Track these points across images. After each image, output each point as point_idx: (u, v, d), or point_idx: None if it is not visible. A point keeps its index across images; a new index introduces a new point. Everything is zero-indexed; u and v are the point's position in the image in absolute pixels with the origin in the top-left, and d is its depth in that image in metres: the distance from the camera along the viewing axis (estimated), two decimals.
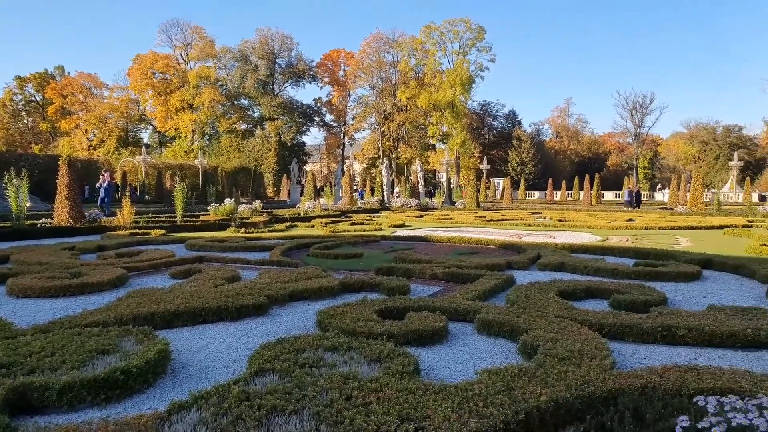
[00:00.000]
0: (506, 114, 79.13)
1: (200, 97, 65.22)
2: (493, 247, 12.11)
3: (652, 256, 9.92)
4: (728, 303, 6.07)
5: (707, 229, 17.66)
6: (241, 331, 5.25)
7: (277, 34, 70.65)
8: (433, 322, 4.90)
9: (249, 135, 68.56)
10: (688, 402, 2.88)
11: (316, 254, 10.63)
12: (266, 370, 3.61)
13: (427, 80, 65.18)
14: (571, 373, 3.49)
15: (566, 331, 4.57)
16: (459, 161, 60.91)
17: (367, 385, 3.27)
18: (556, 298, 5.90)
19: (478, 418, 2.84)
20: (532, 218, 22.90)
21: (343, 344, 4.15)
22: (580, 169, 70.44)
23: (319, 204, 29.18)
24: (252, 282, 7.05)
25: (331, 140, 79.47)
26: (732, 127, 73.93)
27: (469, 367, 4.19)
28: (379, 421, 2.78)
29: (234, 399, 3.06)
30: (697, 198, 29.10)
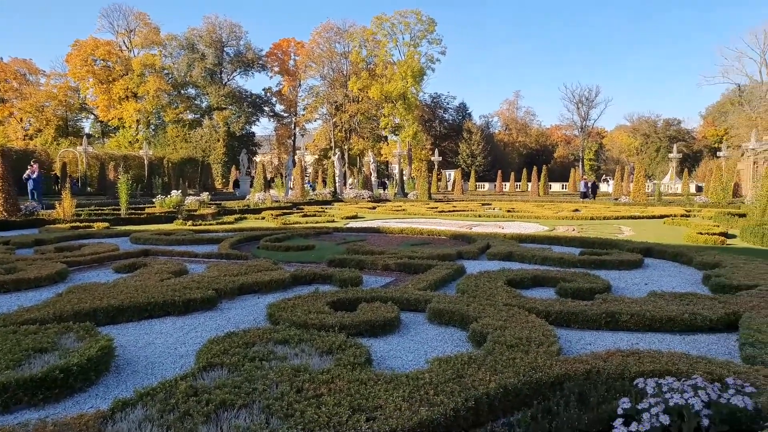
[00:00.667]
0: (457, 106, 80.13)
1: (145, 85, 62.86)
2: (444, 238, 12.24)
3: (596, 245, 10.27)
4: (668, 289, 6.34)
5: (649, 219, 18.43)
6: (188, 325, 5.12)
7: (225, 23, 68.98)
8: (385, 313, 4.91)
9: (196, 125, 66.69)
10: (630, 385, 2.99)
11: (266, 246, 10.47)
12: (215, 364, 3.54)
13: (379, 71, 65.13)
14: (520, 360, 3.56)
15: (514, 318, 4.67)
16: (411, 153, 61.08)
17: (319, 377, 3.25)
18: (504, 287, 6.02)
19: (429, 407, 2.87)
20: (482, 209, 23.31)
21: (294, 337, 4.10)
22: (528, 160, 72.21)
23: (269, 195, 28.73)
24: (200, 275, 6.89)
25: (282, 131, 78.33)
26: (671, 120, 77.29)
27: (420, 357, 4.22)
28: (331, 412, 2.77)
29: (181, 394, 2.98)
30: (640, 189, 30.29)
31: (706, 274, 7.06)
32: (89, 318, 4.84)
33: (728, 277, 6.59)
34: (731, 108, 66.66)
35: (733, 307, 5.11)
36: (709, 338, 4.69)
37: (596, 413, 2.67)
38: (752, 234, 11.60)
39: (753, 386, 2.77)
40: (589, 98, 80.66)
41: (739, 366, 3.48)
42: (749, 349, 3.90)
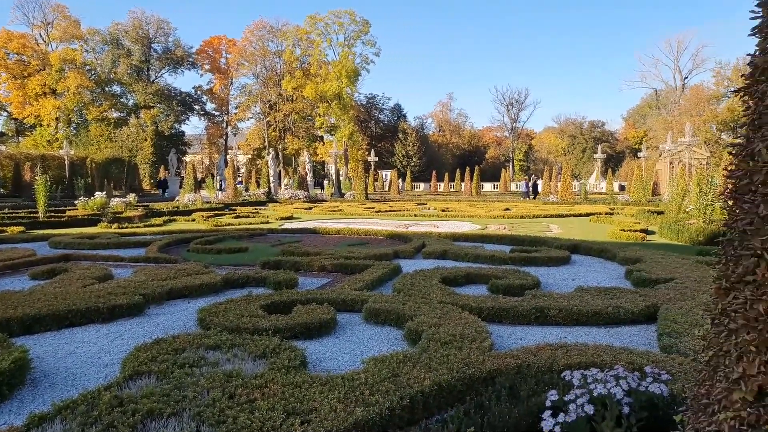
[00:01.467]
0: (392, 107, 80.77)
1: (65, 81, 59.24)
2: (381, 238, 12.30)
3: (526, 242, 10.63)
4: (593, 284, 6.66)
5: (575, 217, 19.29)
6: (114, 333, 4.89)
7: (153, 18, 66.21)
8: (321, 314, 4.87)
9: (122, 124, 63.62)
10: (558, 377, 3.10)
11: (197, 249, 10.15)
12: (142, 372, 3.39)
13: (313, 71, 64.58)
14: (453, 357, 3.62)
15: (448, 316, 4.75)
16: (347, 153, 61.03)
17: (252, 381, 3.17)
18: (439, 285, 6.12)
19: (364, 407, 2.86)
20: (417, 209, 23.61)
21: (226, 342, 3.99)
22: (461, 161, 73.78)
23: (200, 197, 27.87)
24: (126, 280, 6.59)
25: (213, 130, 76.11)
26: (596, 122, 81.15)
27: (356, 357, 4.21)
28: (264, 417, 2.71)
29: (105, 406, 2.84)
30: (567, 188, 31.64)
31: (629, 269, 7.45)
32: (2, 329, 4.52)
33: (648, 271, 6.98)
34: (649, 111, 70.83)
35: (653, 299, 5.42)
36: (632, 330, 4.95)
37: (526, 406, 2.75)
38: (669, 230, 12.39)
39: (669, 374, 2.94)
40: (519, 101, 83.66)
41: (657, 355, 3.69)
42: (666, 339, 4.15)
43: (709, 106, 55.43)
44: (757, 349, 1.54)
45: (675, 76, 66.98)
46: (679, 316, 4.68)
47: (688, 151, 30.32)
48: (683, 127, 33.75)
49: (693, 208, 14.63)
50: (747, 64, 1.70)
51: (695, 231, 11.55)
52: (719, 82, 59.00)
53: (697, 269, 7.06)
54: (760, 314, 1.54)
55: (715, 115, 54.07)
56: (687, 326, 4.35)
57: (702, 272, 6.79)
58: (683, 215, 15.30)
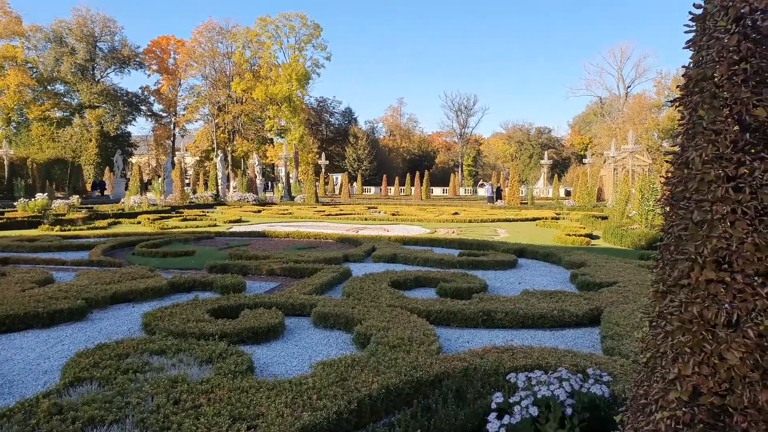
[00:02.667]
0: (343, 111, 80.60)
1: (4, 79, 56.21)
2: (331, 241, 12.26)
3: (474, 246, 10.83)
4: (539, 288, 6.84)
5: (523, 221, 19.73)
6: (54, 338, 4.71)
7: (98, 16, 63.75)
8: (269, 319, 4.82)
9: (66, 124, 60.96)
10: (504, 380, 3.18)
11: (142, 252, 9.85)
12: (83, 378, 3.29)
13: (263, 73, 63.78)
14: (401, 360, 3.66)
15: (397, 319, 4.79)
16: (298, 156, 60.37)
17: (197, 387, 3.12)
18: (389, 288, 6.16)
19: (312, 411, 2.85)
20: (368, 212, 23.66)
21: (171, 347, 3.89)
22: (411, 166, 74.32)
23: (146, 199, 27.01)
24: (68, 284, 6.34)
25: (160, 131, 73.89)
26: (543, 129, 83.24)
27: (304, 361, 4.19)
28: (210, 423, 2.67)
29: (43, 414, 2.74)
30: (514, 193, 32.33)
31: (574, 272, 7.69)
32: None
33: (592, 275, 7.24)
34: (594, 118, 73.33)
35: (596, 303, 5.62)
36: (576, 332, 5.12)
37: (473, 408, 2.81)
38: (613, 235, 12.83)
39: (611, 375, 3.06)
40: (468, 106, 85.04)
41: (600, 357, 3.83)
42: (609, 342, 4.30)
43: (651, 115, 57.86)
44: (691, 351, 1.60)
45: (619, 84, 69.65)
46: (621, 319, 4.86)
47: (631, 157, 31.53)
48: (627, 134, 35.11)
49: (635, 213, 15.20)
50: (682, 76, 1.79)
51: (637, 236, 11.99)
52: (660, 92, 61.67)
53: (638, 273, 7.37)
54: (694, 316, 1.60)
55: (657, 123, 56.46)
56: (628, 329, 4.53)
57: (644, 276, 7.08)
58: (626, 220, 15.85)
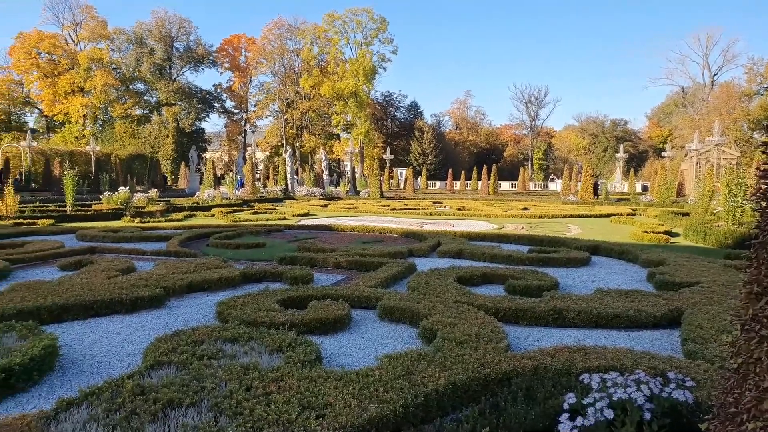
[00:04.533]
0: (408, 105, 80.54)
1: (92, 80, 60.21)
2: (395, 236, 12.30)
3: (545, 243, 10.53)
4: (614, 287, 6.54)
5: (596, 218, 19.02)
6: (136, 324, 4.98)
7: (175, 17, 66.98)
8: (336, 310, 4.88)
9: (145, 121, 64.60)
10: (576, 380, 3.07)
11: (216, 244, 10.26)
12: (163, 363, 3.45)
13: (330, 69, 64.67)
14: (469, 357, 3.60)
15: (464, 315, 4.72)
16: (363, 151, 61.11)
17: (268, 374, 3.20)
18: (454, 284, 6.09)
19: (378, 403, 2.86)
20: (433, 207, 23.55)
21: (243, 335, 4.02)
22: (478, 159, 73.32)
23: (219, 193, 28.14)
24: (148, 273, 6.69)
25: (232, 127, 76.72)
26: (618, 121, 79.65)
27: (370, 354, 4.22)
28: (280, 410, 2.73)
29: (128, 393, 2.90)
30: (587, 188, 31.10)
31: (651, 271, 7.30)
32: (33, 316, 4.66)
33: (672, 274, 6.84)
34: (675, 109, 69.41)
35: (676, 303, 5.31)
36: (653, 334, 4.87)
37: (543, 408, 2.73)
38: (695, 232, 12.08)
39: (694, 380, 2.87)
40: (538, 98, 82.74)
41: (680, 361, 3.62)
42: (691, 345, 4.05)
43: (741, 104, 54.12)
44: None
45: (703, 72, 65.12)
46: (705, 321, 4.57)
47: (717, 150, 29.66)
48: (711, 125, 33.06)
49: (721, 209, 14.29)
50: None
51: (723, 234, 11.25)
52: (751, 79, 57.41)
53: (724, 273, 6.89)
54: None
55: (747, 113, 52.76)
56: (713, 332, 4.25)
57: (730, 276, 6.62)
58: (710, 217, 14.92)
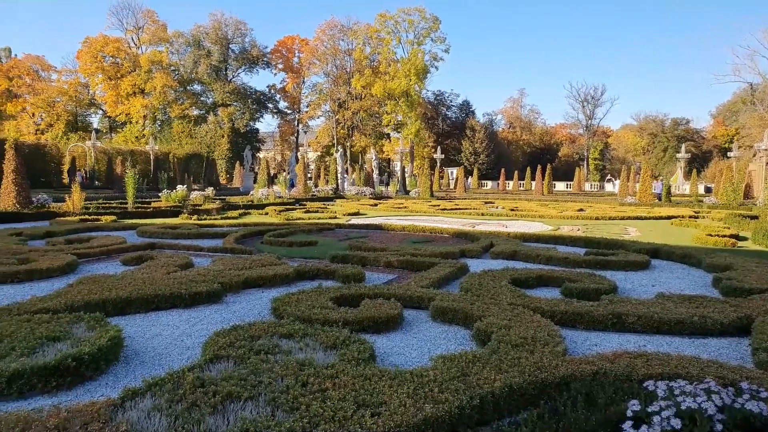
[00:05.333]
0: (460, 104, 79.84)
1: (152, 82, 62.93)
2: (446, 236, 12.22)
3: (602, 245, 10.20)
4: (676, 291, 6.26)
5: (655, 220, 18.24)
6: (194, 318, 5.14)
7: (231, 20, 68.95)
8: (388, 309, 4.89)
9: (201, 121, 66.82)
10: (638, 387, 2.95)
11: (270, 242, 10.48)
12: (221, 356, 3.54)
13: (382, 69, 65.02)
14: (525, 360, 3.53)
15: (519, 318, 4.64)
16: (413, 150, 61.03)
17: (323, 371, 3.24)
18: (509, 286, 5.99)
19: (434, 404, 2.85)
20: (484, 208, 23.26)
21: (298, 331, 4.09)
22: (532, 159, 71.89)
23: (272, 191, 28.77)
24: (205, 269, 6.90)
25: (285, 127, 78.30)
26: (680, 120, 76.13)
27: (423, 354, 4.20)
28: (336, 407, 2.76)
29: (189, 385, 2.99)
30: (646, 189, 29.85)
31: (717, 276, 6.94)
32: (99, 309, 4.88)
33: (740, 280, 6.47)
34: (743, 107, 65.79)
35: (746, 311, 5.03)
36: (720, 342, 4.63)
37: (604, 414, 2.64)
38: (765, 236, 11.33)
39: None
40: (595, 97, 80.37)
41: (752, 371, 3.42)
42: (763, 355, 3.81)
43: None
44: None
45: None
46: None
47: None
48: None
49: None
50: None
51: None
52: None
53: None
54: None
55: None
56: None
57: None
58: None
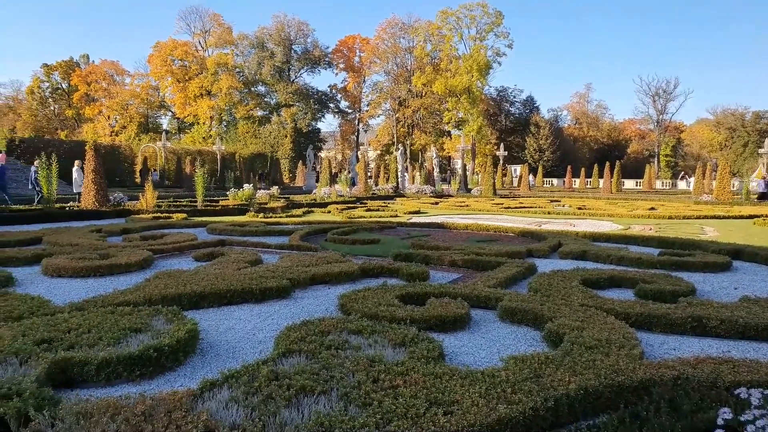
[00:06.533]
0: (524, 100, 78.12)
1: (218, 83, 65.39)
2: (512, 235, 11.99)
3: (677, 245, 9.71)
4: (762, 295, 5.84)
5: (735, 219, 17.16)
6: (265, 312, 5.28)
7: (293, 21, 70.44)
8: (456, 309, 4.85)
9: (265, 121, 68.75)
10: (727, 394, 2.80)
11: (333, 239, 10.63)
12: (293, 351, 3.62)
13: (443, 66, 64.52)
14: (600, 362, 3.42)
15: (592, 319, 4.50)
16: (475, 148, 60.33)
17: (394, 368, 3.25)
18: (580, 287, 5.82)
19: (507, 404, 2.80)
20: (550, 206, 22.67)
21: (366, 328, 4.13)
22: (599, 156, 69.35)
23: (334, 190, 29.19)
24: (274, 266, 7.08)
25: (346, 126, 79.26)
26: (762, 113, 70.85)
27: (493, 354, 4.14)
28: (408, 404, 2.76)
29: (264, 378, 3.08)
30: (724, 187, 28.11)
31: None
32: (175, 302, 5.11)
33: None
34: None
35: None
36: None
37: (691, 421, 2.52)
38: None
39: None
40: (667, 90, 76.46)
41: None
42: None
43: None
44: None
45: None
46: None
47: None
48: None
49: None
50: None
51: None
52: None
53: None
54: None
55: None
56: None
57: None
58: None
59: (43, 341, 3.68)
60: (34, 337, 3.72)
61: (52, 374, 3.26)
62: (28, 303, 4.83)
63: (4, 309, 4.58)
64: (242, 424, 2.57)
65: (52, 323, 4.10)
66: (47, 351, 3.48)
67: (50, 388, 3.02)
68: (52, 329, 3.94)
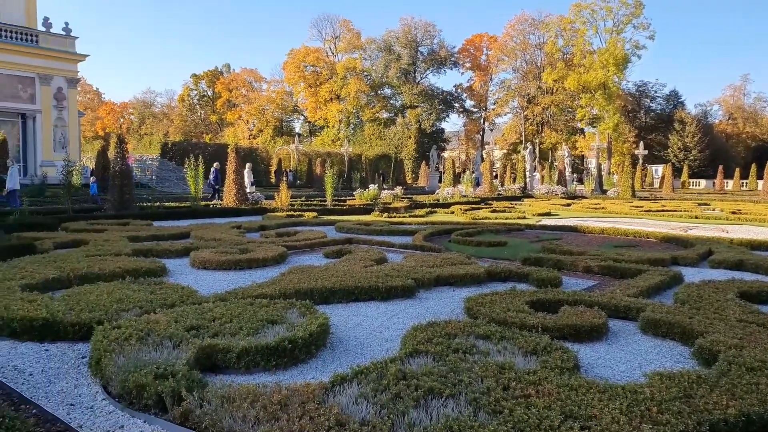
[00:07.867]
0: (666, 95, 71.77)
1: (347, 87, 67.96)
2: (653, 240, 11.09)
3: None
4: None
5: None
6: (391, 311, 5.36)
7: (420, 22, 71.07)
8: (592, 318, 4.57)
9: (390, 123, 70.16)
10: None
11: (457, 240, 10.54)
12: (420, 351, 3.62)
13: (576, 61, 61.42)
14: (764, 386, 3.03)
15: (753, 337, 4.01)
16: (611, 146, 56.51)
17: (525, 377, 3.13)
18: (736, 300, 5.22)
19: (653, 424, 2.58)
20: (698, 210, 20.62)
21: (495, 333, 4.02)
22: (758, 155, 61.75)
23: (457, 190, 29.00)
24: (399, 265, 7.18)
25: (471, 126, 78.38)
26: None
27: (633, 368, 3.85)
28: (541, 415, 2.64)
29: (392, 377, 3.10)
30: None
31: None
32: (307, 297, 5.36)
33: None
34: None
35: None
36: None
37: None
38: None
39: None
40: None
41: None
42: None
43: None
44: None
45: None
46: None
47: None
48: None
49: None
50: None
51: None
52: None
53: None
54: None
55: None
56: None
57: None
58: None
59: (192, 328, 4.02)
60: (184, 324, 4.08)
61: (200, 359, 3.55)
62: (179, 292, 5.34)
63: (160, 296, 5.10)
64: (372, 421, 2.60)
65: (200, 312, 4.48)
66: (195, 337, 3.80)
67: (198, 371, 3.30)
68: (200, 317, 4.30)
